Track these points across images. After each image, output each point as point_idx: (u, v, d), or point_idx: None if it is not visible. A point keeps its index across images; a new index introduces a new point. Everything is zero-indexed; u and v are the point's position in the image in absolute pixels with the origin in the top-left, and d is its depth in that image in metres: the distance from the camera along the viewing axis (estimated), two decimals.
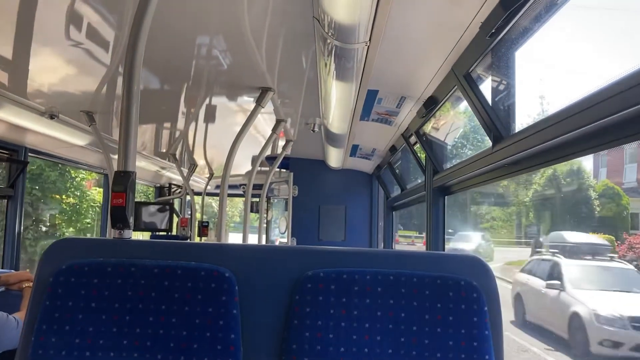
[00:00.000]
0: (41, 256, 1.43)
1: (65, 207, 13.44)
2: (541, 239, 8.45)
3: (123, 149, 1.57)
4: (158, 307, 1.36)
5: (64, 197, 13.34)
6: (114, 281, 1.36)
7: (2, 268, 3.93)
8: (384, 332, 1.36)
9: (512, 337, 6.68)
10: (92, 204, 13.99)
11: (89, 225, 13.88)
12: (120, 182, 1.53)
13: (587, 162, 7.03)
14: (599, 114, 1.45)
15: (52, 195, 12.76)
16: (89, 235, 13.37)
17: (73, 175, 13.53)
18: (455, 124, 3.57)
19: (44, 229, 12.91)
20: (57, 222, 13.51)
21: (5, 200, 4.09)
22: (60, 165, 11.52)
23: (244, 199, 4.63)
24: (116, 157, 1.58)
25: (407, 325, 1.37)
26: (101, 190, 14.34)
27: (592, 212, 6.96)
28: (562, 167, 7.25)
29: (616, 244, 6.15)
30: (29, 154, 4.17)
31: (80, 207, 13.77)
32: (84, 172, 13.52)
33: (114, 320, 1.34)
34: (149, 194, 10.40)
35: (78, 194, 13.70)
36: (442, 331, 1.36)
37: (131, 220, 1.52)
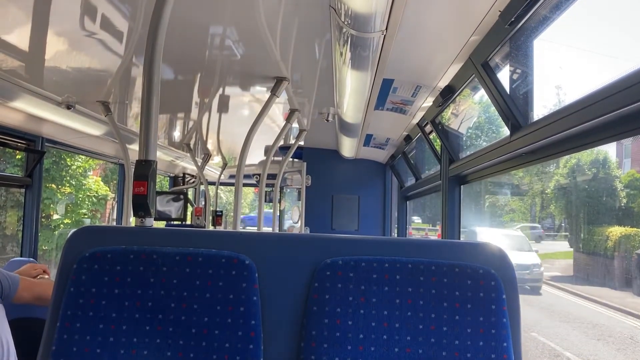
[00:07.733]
0: (64, 243, 1.45)
1: (60, 197, 13.14)
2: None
3: (144, 139, 1.59)
4: (180, 293, 1.37)
5: (59, 186, 13.06)
6: (136, 268, 1.38)
7: (21, 256, 3.99)
8: (403, 320, 1.37)
9: None
10: (88, 193, 13.69)
11: (84, 217, 13.63)
12: (142, 171, 1.55)
13: (611, 152, 6.86)
14: (621, 101, 1.43)
15: (45, 185, 12.28)
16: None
17: (69, 164, 13.20)
18: (471, 113, 3.54)
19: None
20: (50, 213, 13.19)
21: (23, 190, 4.15)
22: (54, 152, 11.29)
23: (252, 189, 4.64)
24: (131, 146, 1.61)
25: (425, 313, 1.37)
26: (98, 179, 14.32)
27: (619, 204, 6.80)
28: (586, 157, 7.07)
29: None
30: (46, 144, 4.22)
31: (76, 197, 13.47)
32: (81, 160, 13.20)
33: (136, 306, 1.36)
34: (164, 184, 10.44)
35: (74, 182, 13.39)
36: (461, 319, 1.37)
37: (152, 208, 1.53)
